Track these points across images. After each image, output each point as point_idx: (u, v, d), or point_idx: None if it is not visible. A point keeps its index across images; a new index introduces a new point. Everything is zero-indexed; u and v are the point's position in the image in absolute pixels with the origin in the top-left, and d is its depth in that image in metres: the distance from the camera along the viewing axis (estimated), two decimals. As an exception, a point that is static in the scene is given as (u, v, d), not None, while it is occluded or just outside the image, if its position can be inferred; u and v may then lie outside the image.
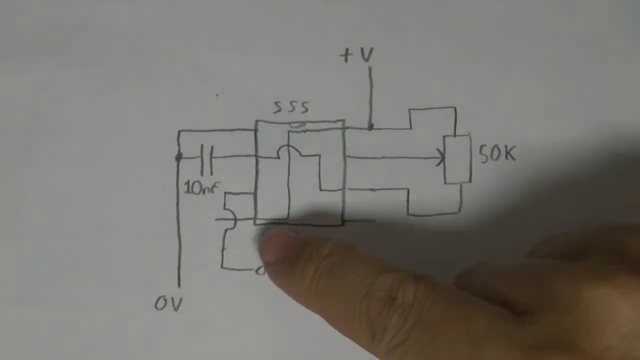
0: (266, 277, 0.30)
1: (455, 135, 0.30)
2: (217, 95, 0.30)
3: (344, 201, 0.30)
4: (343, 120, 0.30)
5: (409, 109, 0.30)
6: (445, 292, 0.24)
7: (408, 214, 0.30)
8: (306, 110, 0.30)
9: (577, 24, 0.30)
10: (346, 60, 0.30)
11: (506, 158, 0.30)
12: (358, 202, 0.30)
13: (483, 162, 0.30)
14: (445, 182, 0.30)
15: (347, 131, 0.30)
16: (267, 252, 0.28)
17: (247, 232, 0.30)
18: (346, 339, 0.26)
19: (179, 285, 0.30)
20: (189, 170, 0.30)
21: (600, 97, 0.30)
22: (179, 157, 0.30)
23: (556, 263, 0.24)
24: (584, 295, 0.22)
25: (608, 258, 0.23)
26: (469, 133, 0.30)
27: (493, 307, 0.23)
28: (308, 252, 0.27)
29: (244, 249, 0.30)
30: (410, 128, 0.30)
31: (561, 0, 0.30)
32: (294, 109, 0.30)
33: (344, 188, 0.30)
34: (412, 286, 0.24)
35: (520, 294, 0.23)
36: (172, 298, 0.30)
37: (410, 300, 0.24)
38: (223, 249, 0.30)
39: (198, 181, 0.30)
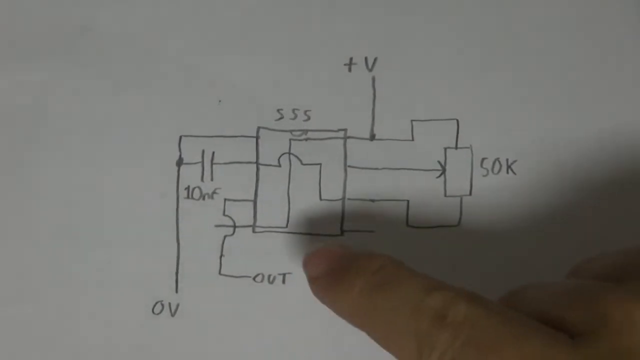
0: (263, 284, 0.30)
1: (456, 148, 0.30)
2: (219, 101, 0.30)
3: (343, 211, 0.30)
4: (345, 130, 0.30)
5: (411, 120, 0.30)
6: (498, 311, 0.23)
7: (407, 225, 0.30)
8: (308, 118, 0.30)
9: (581, 39, 0.30)
10: (350, 69, 0.30)
11: (507, 172, 0.30)
12: (358, 213, 0.30)
13: (484, 176, 0.30)
14: (445, 195, 0.30)
15: (348, 141, 0.30)
16: (312, 266, 0.27)
17: (246, 239, 0.30)
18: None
19: (176, 290, 0.30)
20: (190, 176, 0.30)
21: (604, 113, 0.30)
22: (179, 162, 0.30)
23: (606, 285, 0.23)
24: (636, 319, 0.21)
25: None
26: (470, 146, 0.30)
27: (548, 329, 0.23)
28: (356, 266, 0.26)
29: (243, 256, 0.30)
30: (412, 139, 0.30)
31: (564, 15, 0.30)
32: (296, 116, 0.30)
33: (344, 198, 0.30)
34: (464, 304, 0.23)
35: (572, 316, 0.23)
36: (170, 303, 0.30)
37: (461, 318, 0.23)
38: (221, 256, 0.30)
39: (198, 187, 0.30)
